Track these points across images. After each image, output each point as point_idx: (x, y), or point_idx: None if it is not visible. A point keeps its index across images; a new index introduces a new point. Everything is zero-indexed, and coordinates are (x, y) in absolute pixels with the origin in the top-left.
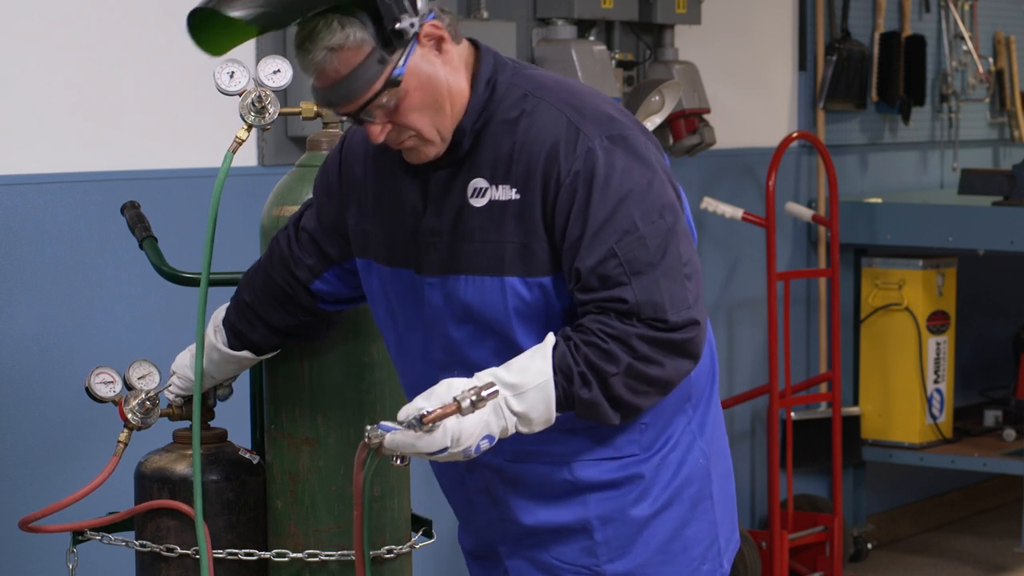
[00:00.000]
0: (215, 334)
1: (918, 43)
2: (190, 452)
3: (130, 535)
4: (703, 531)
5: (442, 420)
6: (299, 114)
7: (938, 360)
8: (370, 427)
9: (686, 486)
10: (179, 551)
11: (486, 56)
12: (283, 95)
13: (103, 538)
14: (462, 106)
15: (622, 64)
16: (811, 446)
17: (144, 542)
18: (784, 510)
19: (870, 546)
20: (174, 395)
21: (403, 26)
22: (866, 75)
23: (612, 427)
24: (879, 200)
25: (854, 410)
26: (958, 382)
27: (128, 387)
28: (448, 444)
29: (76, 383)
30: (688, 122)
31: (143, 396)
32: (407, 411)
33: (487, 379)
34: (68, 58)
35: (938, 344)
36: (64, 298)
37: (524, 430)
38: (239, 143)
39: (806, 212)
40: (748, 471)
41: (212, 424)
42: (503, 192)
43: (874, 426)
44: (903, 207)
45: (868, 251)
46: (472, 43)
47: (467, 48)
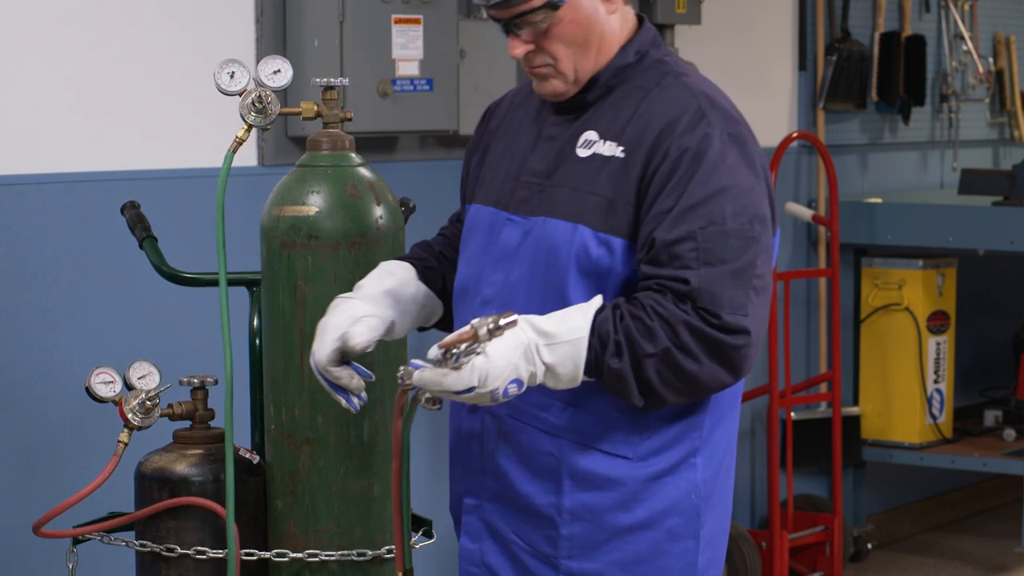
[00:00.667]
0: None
1: (918, 43)
2: (190, 452)
3: (130, 535)
4: (676, 569)
5: (460, 346)
6: (299, 114)
7: (938, 360)
8: (403, 368)
9: (668, 515)
10: (179, 551)
11: (646, 31)
12: (283, 95)
13: (103, 538)
14: (607, 57)
15: None
16: (811, 446)
17: (144, 542)
18: (784, 510)
19: (870, 546)
20: (364, 339)
21: None
22: (866, 75)
23: (613, 422)
24: (879, 200)
25: (854, 410)
26: (958, 382)
27: (128, 387)
28: (475, 383)
29: (76, 383)
30: None
31: (143, 396)
32: (436, 348)
33: (520, 326)
34: (68, 58)
35: (938, 344)
36: (64, 298)
37: (550, 384)
38: (239, 143)
39: (806, 212)
40: (748, 471)
41: (212, 424)
42: (609, 147)
43: (874, 426)
44: (903, 207)
45: (868, 251)
46: (639, 18)
47: (632, 18)
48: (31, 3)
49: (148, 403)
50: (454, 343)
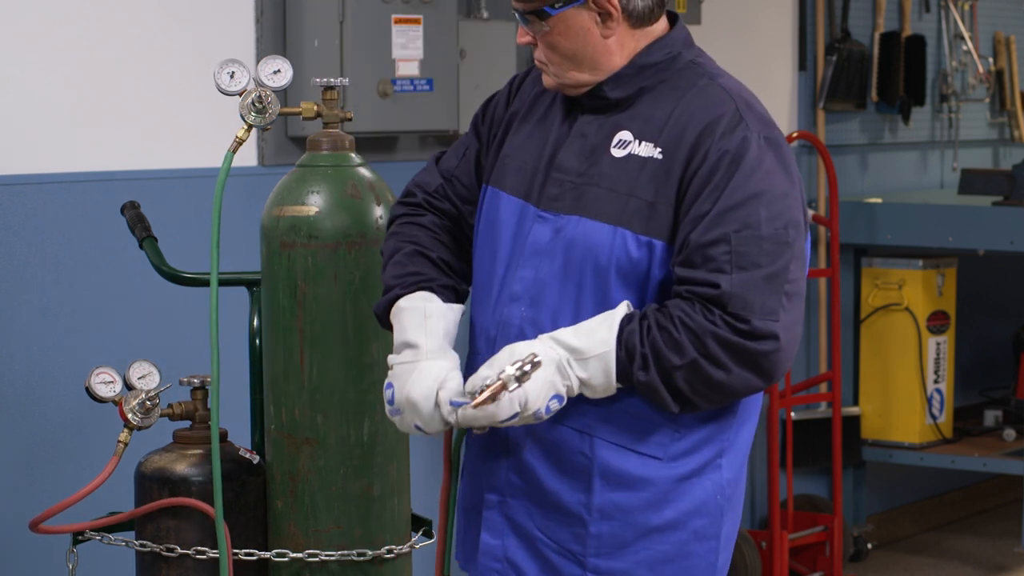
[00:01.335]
0: (432, 307)
1: (918, 43)
2: (190, 452)
3: (130, 535)
4: (700, 569)
5: (492, 400)
6: (299, 114)
7: (938, 360)
8: (448, 409)
9: (695, 516)
10: (179, 551)
11: (679, 30)
12: (283, 95)
13: (103, 538)
14: (604, 72)
15: None
16: (811, 446)
17: (144, 542)
18: (784, 510)
19: (870, 546)
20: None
21: None
22: (866, 75)
23: (647, 423)
24: (879, 200)
25: (854, 410)
26: (958, 382)
27: (128, 387)
28: (517, 410)
29: (76, 383)
30: None
31: (143, 396)
32: (473, 382)
33: (543, 347)
34: (68, 58)
35: (938, 344)
36: (64, 298)
37: (588, 394)
38: (239, 143)
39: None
40: (748, 471)
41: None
42: (645, 148)
43: (874, 426)
44: (903, 207)
45: (868, 251)
46: (672, 17)
47: (661, 26)
48: (31, 3)
49: (148, 403)
50: (487, 401)
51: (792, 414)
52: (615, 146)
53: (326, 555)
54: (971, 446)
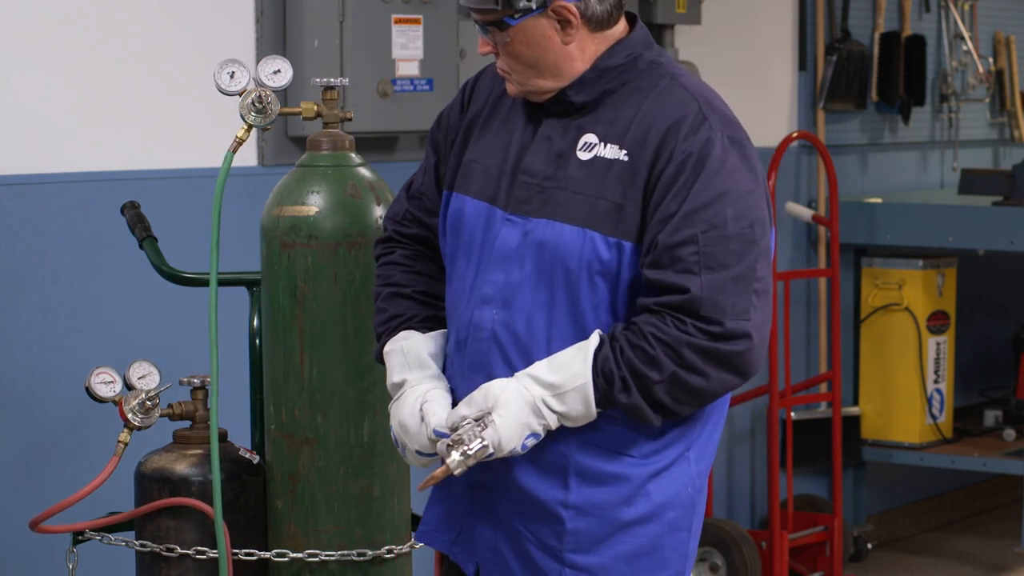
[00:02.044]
0: (412, 346)
1: (918, 43)
2: (190, 452)
3: (130, 535)
4: (673, 559)
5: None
6: (299, 114)
7: (938, 360)
8: (440, 444)
9: (669, 508)
10: (179, 551)
11: (639, 31)
12: (283, 95)
13: (103, 538)
14: (567, 78)
15: None
16: (811, 446)
17: (144, 542)
18: (784, 510)
19: (870, 546)
20: (442, 412)
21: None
22: (866, 75)
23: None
24: (879, 200)
25: (854, 410)
26: (958, 382)
27: (128, 387)
28: (491, 452)
29: (76, 383)
30: None
31: (143, 396)
32: (451, 417)
33: (517, 386)
34: (68, 58)
35: (938, 344)
36: (64, 298)
37: (568, 425)
38: (239, 143)
39: (806, 212)
40: (748, 471)
41: None
42: (611, 151)
43: (874, 426)
44: (903, 207)
45: (868, 251)
46: (632, 18)
47: (620, 27)
48: (31, 3)
49: (148, 403)
50: (433, 482)
51: (792, 414)
52: (581, 149)
53: (326, 555)
54: (971, 446)
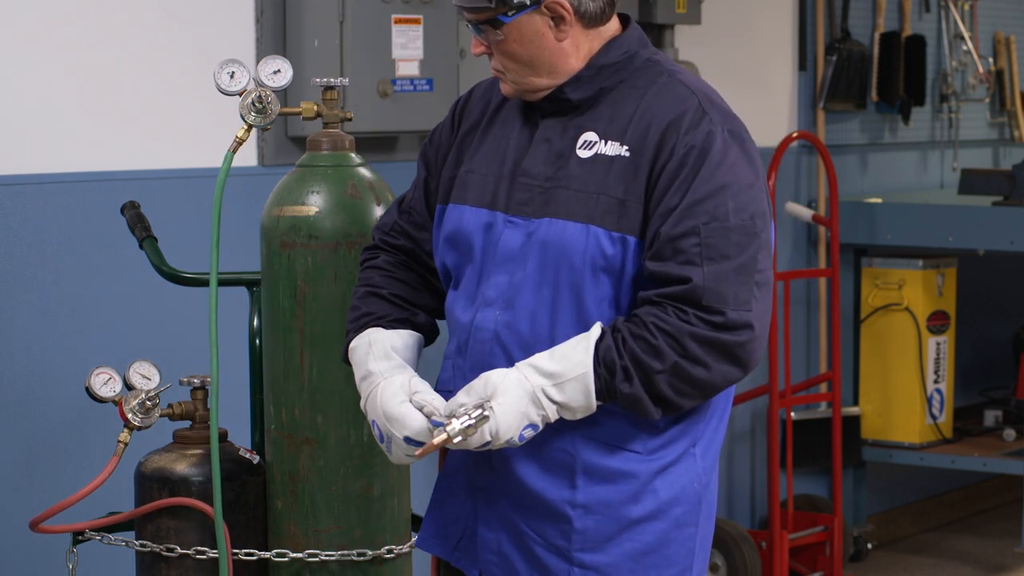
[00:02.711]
0: (384, 345)
1: (918, 43)
2: (190, 452)
3: (130, 535)
4: (680, 555)
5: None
6: (299, 114)
7: (938, 360)
8: (448, 427)
9: (675, 504)
10: (179, 551)
11: (632, 30)
12: (283, 95)
13: (103, 538)
14: (563, 75)
15: None
16: (811, 446)
17: (144, 542)
18: (784, 510)
19: (870, 546)
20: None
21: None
22: (866, 75)
23: (625, 419)
24: (879, 200)
25: (854, 410)
26: (958, 382)
27: (128, 387)
28: (488, 439)
29: (76, 383)
30: None
31: (143, 396)
32: (450, 406)
33: (517, 376)
34: (68, 58)
35: (938, 344)
36: (64, 298)
37: (567, 417)
38: (239, 143)
39: (806, 212)
40: (748, 471)
41: None
42: (611, 147)
43: (874, 426)
44: (903, 207)
45: (868, 251)
46: (624, 18)
47: (614, 26)
48: (31, 3)
49: (148, 403)
50: (429, 451)
51: (792, 414)
52: (581, 147)
53: (326, 555)
54: (971, 446)
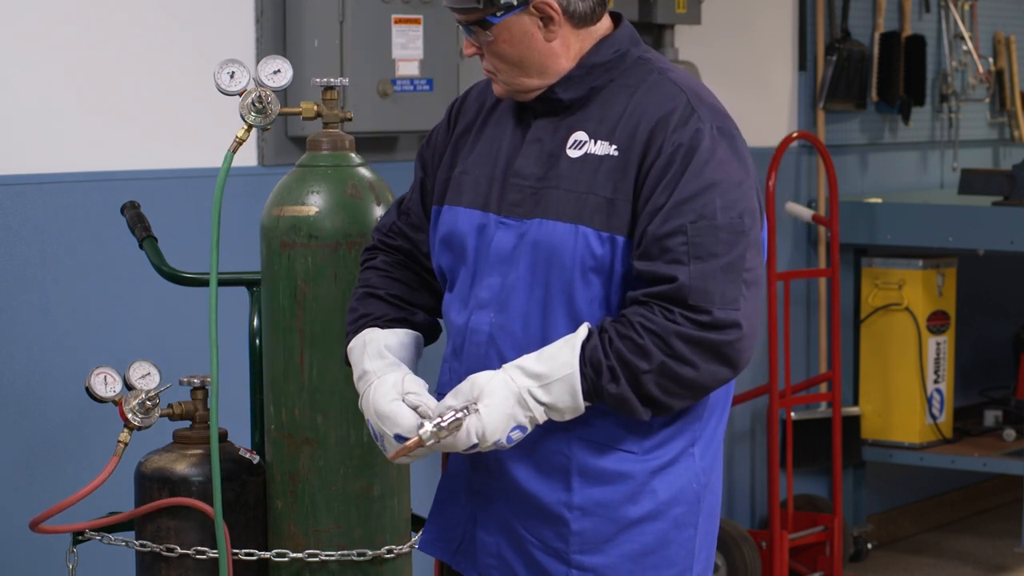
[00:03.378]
0: (380, 344)
1: (918, 43)
2: (190, 452)
3: (130, 535)
4: (680, 556)
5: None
6: (299, 114)
7: (938, 360)
8: (421, 429)
9: (674, 505)
10: (179, 551)
11: (624, 28)
12: (283, 95)
13: (103, 538)
14: (553, 76)
15: None
16: (811, 446)
17: (144, 542)
18: (784, 510)
19: (870, 546)
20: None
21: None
22: (866, 75)
23: (620, 419)
24: (879, 200)
25: (854, 410)
26: (958, 382)
27: (128, 387)
28: (475, 441)
29: (76, 383)
30: None
31: (143, 396)
32: (438, 408)
33: (503, 377)
34: (68, 58)
35: (938, 344)
36: (64, 298)
37: (555, 418)
38: (239, 143)
39: (806, 212)
40: (748, 471)
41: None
42: (601, 147)
43: (874, 426)
44: (903, 207)
45: (868, 251)
46: (616, 17)
47: (605, 25)
48: (31, 3)
49: (148, 403)
50: (403, 453)
51: (792, 414)
52: (571, 147)
53: (326, 555)
54: (971, 446)
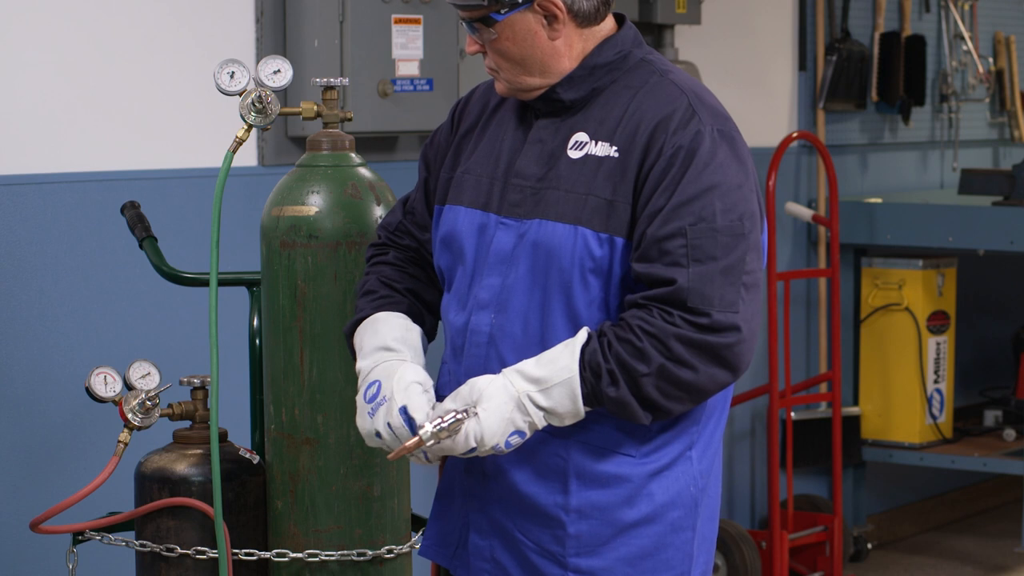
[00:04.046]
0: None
1: (918, 43)
2: (190, 452)
3: (130, 535)
4: (677, 559)
5: (446, 420)
6: (299, 114)
7: (938, 360)
8: (421, 429)
9: (671, 508)
10: (179, 551)
11: (627, 29)
12: (283, 95)
13: (103, 538)
14: (556, 75)
15: None
16: (811, 446)
17: (144, 542)
18: (784, 510)
19: (870, 546)
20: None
21: None
22: (866, 75)
23: (618, 422)
24: (879, 200)
25: (854, 410)
26: (958, 382)
27: (128, 387)
28: (473, 445)
29: (76, 383)
30: None
31: (143, 396)
32: (438, 411)
33: (503, 382)
34: (68, 58)
35: (938, 344)
36: (64, 298)
37: (555, 423)
38: (239, 143)
39: (806, 212)
40: (748, 471)
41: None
42: (601, 148)
43: (874, 426)
44: (903, 207)
45: (868, 251)
46: (619, 18)
47: (608, 25)
48: (31, 3)
49: (148, 403)
50: (403, 452)
51: (792, 414)
52: (572, 148)
53: (326, 555)
54: (971, 446)
